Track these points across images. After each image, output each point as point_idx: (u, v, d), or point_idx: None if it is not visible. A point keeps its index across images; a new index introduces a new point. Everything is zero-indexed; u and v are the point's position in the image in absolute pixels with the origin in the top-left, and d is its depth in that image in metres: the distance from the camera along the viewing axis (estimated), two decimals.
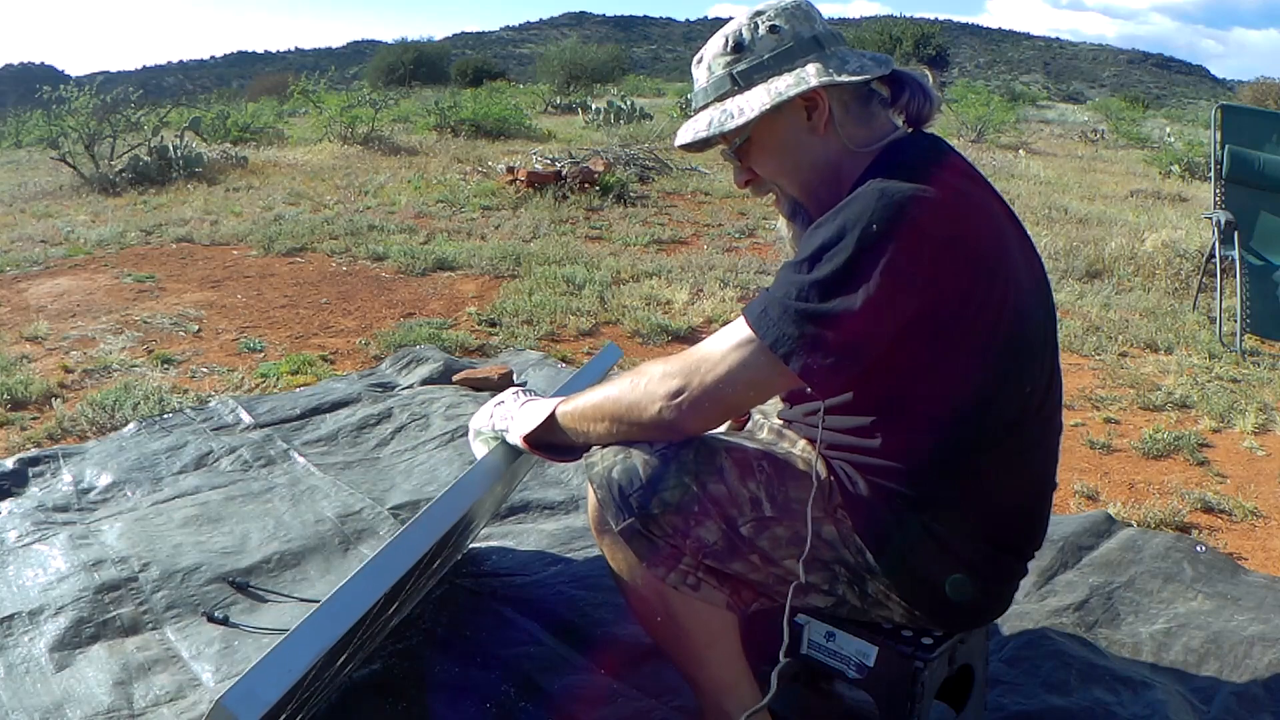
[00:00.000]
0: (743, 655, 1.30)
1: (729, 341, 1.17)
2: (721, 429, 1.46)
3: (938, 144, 1.26)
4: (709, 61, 1.31)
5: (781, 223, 1.38)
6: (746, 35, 1.28)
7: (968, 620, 1.31)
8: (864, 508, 1.22)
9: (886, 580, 1.23)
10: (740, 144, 1.30)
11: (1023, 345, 1.20)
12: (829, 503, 1.24)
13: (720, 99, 1.29)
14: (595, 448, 1.27)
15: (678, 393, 1.18)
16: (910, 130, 1.29)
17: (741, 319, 1.17)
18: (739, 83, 1.28)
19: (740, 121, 1.24)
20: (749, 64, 1.27)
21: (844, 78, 1.22)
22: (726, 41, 1.30)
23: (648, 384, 1.21)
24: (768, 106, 1.23)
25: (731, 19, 1.35)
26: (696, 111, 1.33)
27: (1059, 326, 4.15)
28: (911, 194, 1.10)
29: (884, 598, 1.25)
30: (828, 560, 1.24)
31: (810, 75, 1.22)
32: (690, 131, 1.31)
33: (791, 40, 1.26)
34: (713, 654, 1.29)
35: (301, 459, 2.54)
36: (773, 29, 1.27)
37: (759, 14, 1.29)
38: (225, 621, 1.69)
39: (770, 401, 1.45)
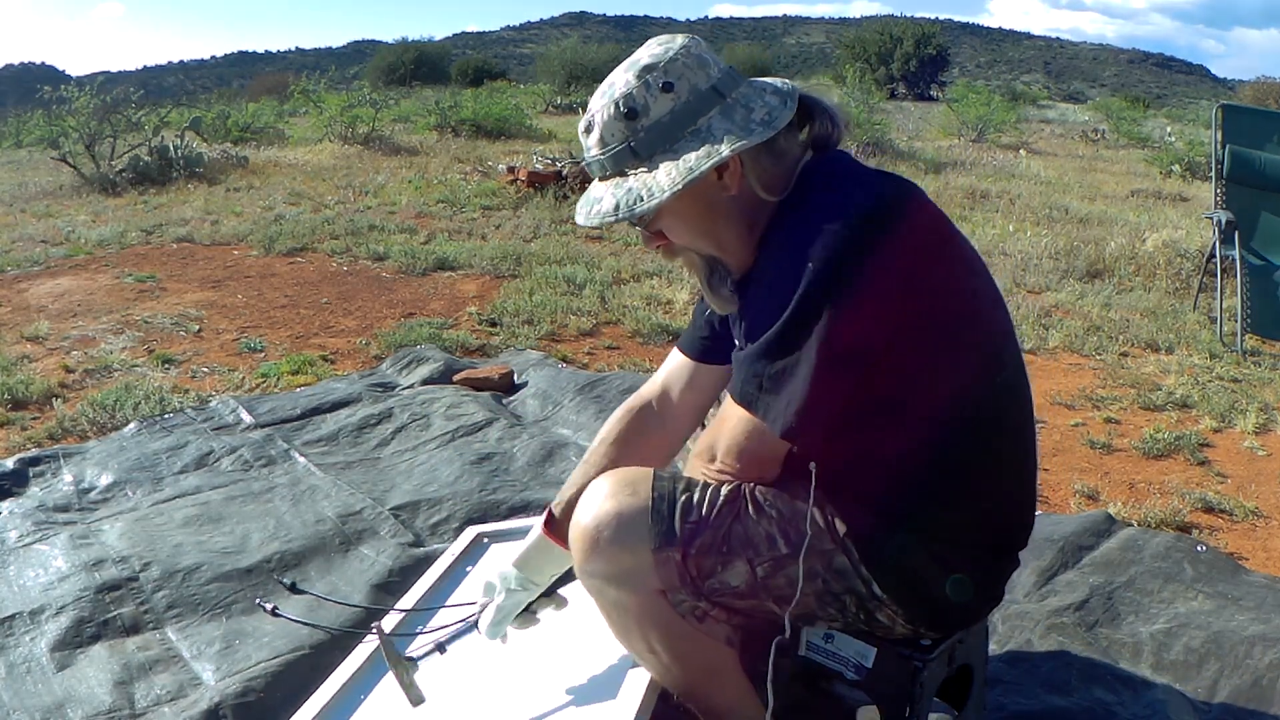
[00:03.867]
0: (744, 677, 1.28)
1: (735, 423, 1.17)
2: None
3: (845, 159, 1.20)
4: (600, 131, 1.17)
5: (695, 279, 1.30)
6: (639, 99, 1.14)
7: (968, 619, 1.31)
8: (866, 536, 1.20)
9: (894, 608, 1.21)
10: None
11: (989, 332, 1.21)
12: (836, 534, 1.20)
13: (620, 174, 1.17)
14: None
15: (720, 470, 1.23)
16: (815, 153, 1.20)
17: (729, 399, 1.18)
18: (639, 154, 1.15)
19: (652, 205, 1.13)
20: (646, 133, 1.14)
21: (756, 137, 1.12)
22: (617, 106, 1.15)
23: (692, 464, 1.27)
24: (680, 187, 1.11)
25: (614, 74, 1.18)
26: (595, 181, 1.21)
27: (1059, 326, 4.17)
28: (855, 213, 1.09)
29: (891, 621, 1.24)
30: (838, 592, 1.21)
31: (722, 145, 1.11)
32: (596, 215, 1.17)
33: (688, 95, 1.14)
34: (714, 684, 1.28)
35: (302, 459, 2.54)
36: (665, 87, 1.14)
37: (648, 70, 1.15)
38: (274, 612, 1.72)
39: None
